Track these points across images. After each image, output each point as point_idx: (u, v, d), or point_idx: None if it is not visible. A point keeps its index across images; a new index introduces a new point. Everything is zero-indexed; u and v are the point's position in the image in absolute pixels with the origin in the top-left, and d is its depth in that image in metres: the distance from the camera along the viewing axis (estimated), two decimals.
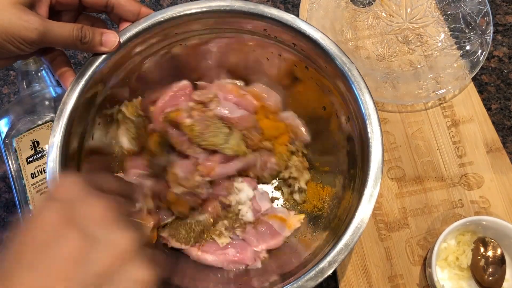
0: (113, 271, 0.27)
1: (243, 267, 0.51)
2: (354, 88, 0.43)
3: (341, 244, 0.39)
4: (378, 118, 0.42)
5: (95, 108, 0.47)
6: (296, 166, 0.54)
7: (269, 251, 0.52)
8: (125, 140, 0.52)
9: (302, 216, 0.53)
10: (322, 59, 0.45)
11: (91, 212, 0.28)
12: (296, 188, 0.54)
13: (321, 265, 0.39)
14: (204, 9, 0.45)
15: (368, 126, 0.42)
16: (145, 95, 0.53)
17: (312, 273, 0.39)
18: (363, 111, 0.42)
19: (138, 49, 0.47)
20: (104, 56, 0.44)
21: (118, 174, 0.52)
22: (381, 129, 0.42)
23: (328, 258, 0.39)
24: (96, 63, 0.44)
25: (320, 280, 0.38)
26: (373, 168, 0.41)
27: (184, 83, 0.55)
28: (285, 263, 0.48)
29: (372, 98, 0.43)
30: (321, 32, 0.44)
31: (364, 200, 0.40)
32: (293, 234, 0.53)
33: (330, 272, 0.39)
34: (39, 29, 0.38)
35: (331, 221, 0.48)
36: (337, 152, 0.51)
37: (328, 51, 0.44)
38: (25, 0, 0.37)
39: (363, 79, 0.43)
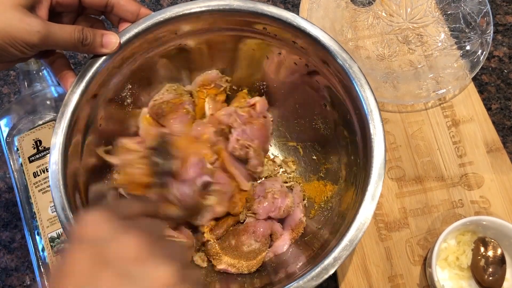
0: None
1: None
2: (355, 84, 0.43)
3: (345, 240, 0.39)
4: (380, 114, 0.42)
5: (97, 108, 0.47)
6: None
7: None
8: None
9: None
10: (323, 56, 0.46)
11: (124, 251, 0.27)
12: None
13: (326, 262, 0.38)
14: (203, 9, 0.45)
15: (370, 122, 0.42)
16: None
17: (317, 270, 0.38)
18: (365, 107, 0.42)
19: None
20: (104, 57, 0.44)
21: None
22: (383, 125, 0.42)
23: (334, 254, 0.39)
24: (96, 65, 0.44)
25: (325, 276, 0.38)
26: (376, 164, 0.41)
27: None
28: (289, 263, 0.48)
29: (374, 94, 0.43)
30: (321, 30, 0.45)
31: (367, 196, 0.40)
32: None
33: (335, 268, 0.38)
34: (41, 32, 0.37)
35: (334, 218, 0.48)
36: (339, 149, 0.51)
37: (329, 48, 0.44)
38: (26, 3, 0.37)
39: (364, 75, 0.43)
